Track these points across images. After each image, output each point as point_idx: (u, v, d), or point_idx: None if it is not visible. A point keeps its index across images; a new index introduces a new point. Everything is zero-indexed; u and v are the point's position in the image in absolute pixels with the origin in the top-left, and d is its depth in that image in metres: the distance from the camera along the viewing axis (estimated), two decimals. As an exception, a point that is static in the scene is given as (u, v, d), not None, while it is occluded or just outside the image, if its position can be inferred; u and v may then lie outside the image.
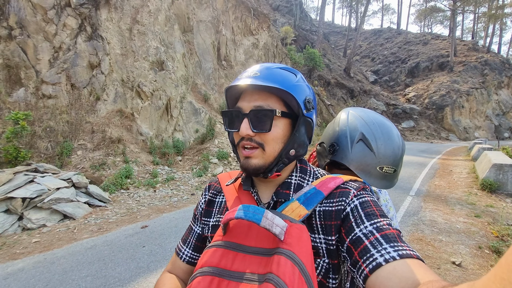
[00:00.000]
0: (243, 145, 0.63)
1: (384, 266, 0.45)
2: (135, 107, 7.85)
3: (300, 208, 0.60)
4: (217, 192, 0.78)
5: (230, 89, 0.67)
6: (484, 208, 5.21)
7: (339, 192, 0.61)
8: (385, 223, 0.53)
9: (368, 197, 0.59)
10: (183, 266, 0.75)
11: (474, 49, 34.23)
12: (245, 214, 0.55)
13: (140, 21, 8.27)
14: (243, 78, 0.64)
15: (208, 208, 0.76)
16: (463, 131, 26.11)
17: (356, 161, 0.87)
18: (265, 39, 14.30)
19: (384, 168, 0.86)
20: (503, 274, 0.21)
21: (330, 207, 0.60)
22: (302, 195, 0.63)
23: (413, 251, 0.48)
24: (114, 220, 4.53)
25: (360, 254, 0.50)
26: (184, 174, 7.50)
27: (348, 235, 0.54)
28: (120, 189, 5.90)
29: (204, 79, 11.27)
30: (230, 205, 0.69)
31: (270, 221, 0.53)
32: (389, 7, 57.75)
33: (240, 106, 0.64)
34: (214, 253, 0.55)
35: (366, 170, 0.86)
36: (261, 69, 0.65)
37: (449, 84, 27.93)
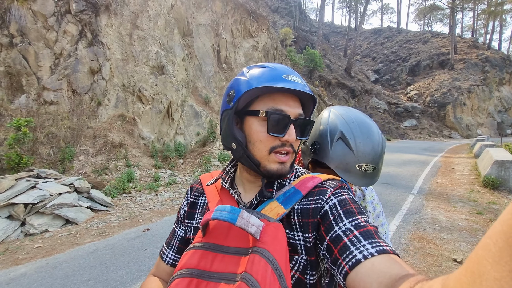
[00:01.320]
0: (282, 150, 0.63)
1: (363, 262, 0.46)
2: (136, 111, 7.90)
3: (278, 207, 0.61)
4: (199, 193, 0.77)
5: (262, 88, 0.61)
6: (486, 205, 5.19)
7: (317, 191, 0.63)
8: (362, 220, 0.54)
9: (346, 195, 0.61)
10: (167, 268, 0.75)
11: (474, 46, 34.12)
12: (220, 214, 0.56)
13: (140, 26, 8.35)
14: (292, 82, 0.62)
15: (191, 210, 0.76)
16: (465, 128, 25.98)
17: (335, 160, 0.89)
18: (265, 41, 14.36)
19: (363, 166, 0.87)
20: (473, 267, 0.22)
21: (308, 205, 0.61)
22: (282, 194, 0.64)
23: (390, 246, 0.49)
24: (116, 224, 4.55)
25: (340, 252, 0.51)
26: (186, 177, 7.53)
27: (328, 233, 0.55)
28: (122, 193, 5.93)
29: (205, 82, 11.33)
30: (211, 206, 0.69)
31: (245, 220, 0.54)
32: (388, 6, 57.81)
33: (284, 110, 0.62)
34: (193, 255, 0.56)
35: (345, 169, 0.87)
36: (299, 76, 0.66)
37: (450, 82, 27.84)
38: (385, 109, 25.69)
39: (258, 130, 0.63)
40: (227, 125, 0.66)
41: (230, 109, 0.65)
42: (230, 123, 0.65)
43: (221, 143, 7.60)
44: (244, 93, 0.62)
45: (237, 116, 0.67)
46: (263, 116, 0.61)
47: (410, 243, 3.65)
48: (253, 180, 0.70)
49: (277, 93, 0.63)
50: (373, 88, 28.03)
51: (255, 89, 0.61)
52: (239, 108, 0.65)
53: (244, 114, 0.65)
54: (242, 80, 0.64)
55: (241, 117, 0.66)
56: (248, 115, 0.65)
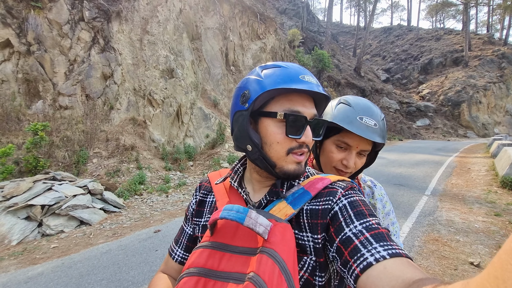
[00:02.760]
0: (301, 152, 0.63)
1: (375, 265, 0.45)
2: (147, 114, 8.05)
3: (287, 208, 0.61)
4: (208, 191, 0.78)
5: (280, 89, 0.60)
6: (505, 207, 5.00)
7: (327, 192, 0.62)
8: (374, 222, 0.53)
9: (356, 196, 0.60)
10: (175, 266, 0.76)
11: (490, 43, 33.03)
12: (228, 214, 0.56)
13: (150, 31, 8.52)
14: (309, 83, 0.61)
15: (199, 208, 0.76)
16: (481, 127, 25.14)
17: (338, 116, 0.94)
18: (273, 42, 14.38)
19: (364, 118, 0.92)
20: (496, 272, 0.21)
21: (317, 206, 0.61)
22: (290, 195, 0.64)
23: (402, 249, 0.48)
24: (128, 225, 4.64)
25: (350, 254, 0.50)
26: (195, 179, 7.60)
27: (338, 234, 0.54)
28: (134, 195, 6.04)
29: (213, 85, 11.44)
30: (220, 205, 0.69)
31: (253, 220, 0.54)
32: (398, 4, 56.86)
33: (301, 111, 0.62)
34: (201, 254, 0.56)
35: (349, 121, 0.92)
36: (313, 76, 0.65)
37: (464, 80, 27.04)
38: (397, 109, 25.19)
39: (275, 131, 0.62)
40: (242, 126, 0.64)
41: (246, 110, 0.63)
42: (245, 124, 0.63)
43: (229, 145, 7.66)
44: (261, 94, 0.60)
45: (251, 117, 0.65)
46: (281, 118, 0.60)
47: (424, 246, 3.56)
48: (262, 180, 0.69)
49: (293, 93, 0.62)
50: (384, 87, 27.56)
51: (272, 91, 0.60)
52: (254, 109, 0.63)
53: (258, 115, 0.64)
54: (257, 80, 0.62)
55: (255, 118, 0.65)
56: (264, 116, 0.63)
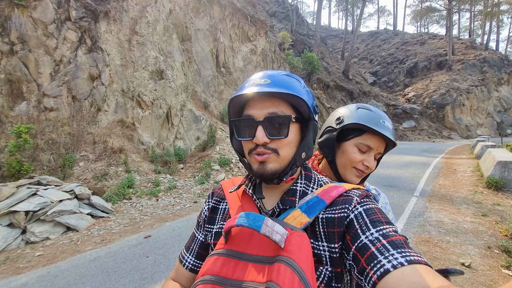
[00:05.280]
0: (257, 152, 0.63)
1: (392, 272, 0.44)
2: (136, 116, 7.89)
3: (301, 216, 0.60)
4: (221, 199, 0.78)
5: (236, 98, 0.65)
6: (491, 207, 5.15)
7: (342, 199, 0.61)
8: (391, 229, 0.52)
9: (372, 204, 0.59)
10: (186, 273, 0.74)
11: (472, 47, 34.30)
12: (245, 221, 0.55)
13: (139, 32, 8.37)
14: (251, 86, 0.63)
15: (212, 215, 0.76)
16: (465, 129, 25.99)
17: (363, 118, 0.95)
18: (263, 45, 14.42)
19: (386, 122, 0.96)
20: None
21: (333, 214, 0.60)
22: (304, 203, 0.63)
23: (421, 257, 0.47)
24: (117, 230, 4.50)
25: (367, 261, 0.49)
26: (186, 182, 7.48)
27: (354, 242, 0.53)
28: (123, 199, 5.89)
29: (204, 87, 11.34)
30: (232, 213, 0.69)
31: (270, 228, 0.53)
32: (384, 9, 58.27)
33: (250, 114, 0.64)
34: (216, 262, 0.55)
35: (374, 123, 0.94)
36: (269, 76, 0.65)
37: (448, 83, 27.92)
38: (384, 111, 25.70)
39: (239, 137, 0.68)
40: None
41: None
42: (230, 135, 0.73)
43: (220, 147, 7.60)
44: (230, 103, 0.68)
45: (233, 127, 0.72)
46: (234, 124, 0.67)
47: (415, 247, 3.61)
48: (272, 187, 0.69)
49: (249, 100, 0.66)
50: (371, 90, 28.10)
51: (231, 101, 0.66)
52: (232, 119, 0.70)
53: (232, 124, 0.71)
54: None
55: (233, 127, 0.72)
56: None
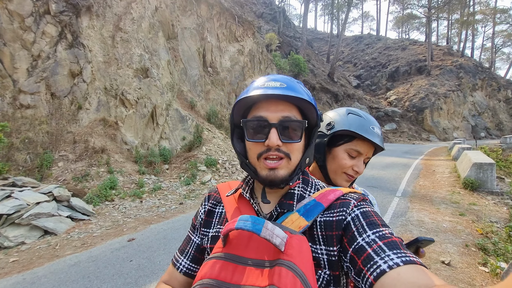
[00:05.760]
0: (269, 155, 0.62)
1: (388, 272, 0.45)
2: (119, 115, 7.65)
3: (300, 220, 0.60)
4: (217, 202, 0.76)
5: (246, 98, 0.64)
6: (468, 207, 5.39)
7: (340, 203, 0.62)
8: (387, 232, 0.53)
9: (368, 207, 0.60)
10: (180, 277, 0.72)
11: (449, 54, 35.94)
12: (245, 224, 0.54)
13: (123, 29, 8.13)
14: (266, 88, 0.62)
15: (208, 219, 0.74)
16: (442, 131, 27.16)
17: (353, 125, 0.97)
18: (250, 45, 14.42)
19: (375, 128, 0.98)
20: None
21: (331, 217, 0.60)
22: (302, 206, 0.63)
23: (416, 258, 0.47)
24: (98, 234, 4.34)
25: (363, 263, 0.49)
26: (171, 183, 7.34)
27: (351, 244, 0.54)
28: (105, 201, 5.68)
29: (190, 86, 11.18)
30: (229, 216, 0.68)
31: (270, 231, 0.52)
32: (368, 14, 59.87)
33: (263, 115, 0.62)
34: (214, 265, 0.54)
35: (364, 130, 0.95)
36: (284, 80, 0.65)
37: (427, 87, 29.08)
38: (368, 113, 26.40)
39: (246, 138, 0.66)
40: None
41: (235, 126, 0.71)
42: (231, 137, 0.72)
43: (207, 148, 7.52)
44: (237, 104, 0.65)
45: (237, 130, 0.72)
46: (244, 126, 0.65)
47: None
48: (271, 191, 0.68)
49: (261, 101, 0.64)
50: (355, 93, 28.80)
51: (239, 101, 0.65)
52: (236, 122, 0.69)
53: (238, 128, 0.69)
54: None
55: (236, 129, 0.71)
56: (239, 128, 0.69)
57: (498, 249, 3.44)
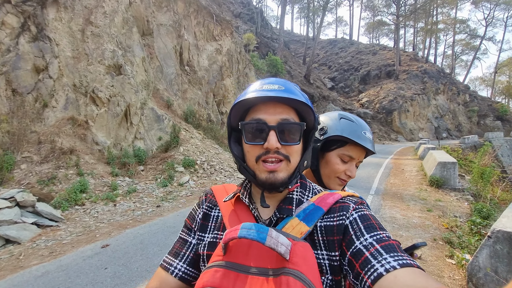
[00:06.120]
0: (268, 158, 0.61)
1: (385, 275, 0.45)
2: (89, 114, 7.22)
3: (300, 225, 0.59)
4: (213, 205, 0.74)
5: (244, 101, 0.63)
6: (434, 203, 5.78)
7: (339, 206, 0.61)
8: (384, 235, 0.53)
9: (366, 211, 0.60)
10: (174, 283, 0.67)
11: (415, 59, 38.34)
12: (248, 233, 0.52)
13: (94, 23, 7.69)
14: (265, 90, 0.62)
15: (204, 222, 0.71)
16: (409, 132, 28.91)
17: (346, 130, 0.98)
18: (229, 45, 14.31)
19: (367, 133, 1.00)
20: None
21: (331, 222, 0.59)
22: (302, 211, 0.63)
23: (413, 261, 0.48)
24: (69, 241, 4.06)
25: (361, 266, 0.49)
26: (147, 185, 7.07)
27: (349, 248, 0.54)
28: (75, 205, 5.33)
29: (166, 85, 10.85)
30: (227, 221, 0.66)
31: (275, 240, 0.51)
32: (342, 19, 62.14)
33: (261, 118, 0.62)
34: (215, 274, 0.52)
35: (357, 136, 0.97)
36: (282, 83, 0.64)
37: (396, 91, 30.80)
38: (341, 115, 27.38)
39: (244, 141, 0.64)
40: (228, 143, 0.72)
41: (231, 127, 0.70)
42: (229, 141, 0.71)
43: (184, 148, 7.39)
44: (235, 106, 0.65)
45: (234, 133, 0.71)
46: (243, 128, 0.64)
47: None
48: (269, 195, 0.66)
49: (258, 104, 0.64)
50: (330, 94, 29.73)
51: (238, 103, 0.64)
52: (233, 125, 0.69)
53: (236, 131, 0.69)
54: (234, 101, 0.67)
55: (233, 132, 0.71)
56: (237, 131, 0.68)
57: (462, 242, 3.72)
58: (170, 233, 4.32)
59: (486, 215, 4.70)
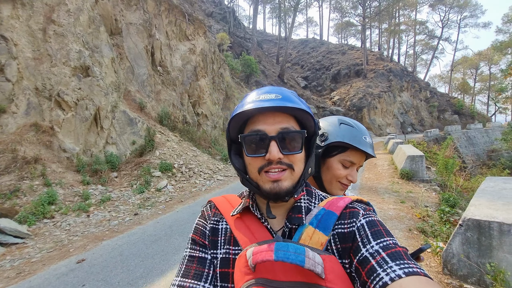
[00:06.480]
0: (270, 169, 0.60)
1: (391, 285, 0.45)
2: (55, 119, 6.71)
3: (317, 234, 0.59)
4: (219, 218, 0.71)
5: (242, 113, 0.62)
6: (406, 194, 6.14)
7: (349, 212, 0.61)
8: (391, 242, 0.53)
9: (374, 217, 0.60)
10: None
11: (381, 59, 40.44)
12: (285, 255, 0.51)
13: (57, 21, 7.15)
14: (263, 100, 0.61)
15: (213, 238, 0.68)
16: (378, 128, 30.46)
17: (347, 136, 0.99)
18: (202, 44, 14.06)
19: (367, 138, 1.01)
20: None
21: (343, 229, 0.59)
22: (313, 218, 0.62)
23: (420, 268, 0.48)
24: (38, 258, 3.75)
25: (367, 275, 0.49)
26: (122, 192, 6.74)
27: (356, 255, 0.54)
28: (43, 218, 4.93)
29: (138, 86, 10.41)
30: (238, 235, 0.64)
31: (312, 261, 0.50)
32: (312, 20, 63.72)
33: (261, 129, 0.61)
34: None
35: (358, 141, 0.98)
36: (279, 91, 0.64)
37: (364, 89, 32.28)
38: (315, 113, 28.17)
39: (245, 154, 0.64)
40: None
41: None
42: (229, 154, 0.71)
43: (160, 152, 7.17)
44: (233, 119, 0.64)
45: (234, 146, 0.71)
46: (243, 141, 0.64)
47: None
48: (276, 205, 0.66)
49: (256, 115, 0.63)
50: (303, 93, 30.41)
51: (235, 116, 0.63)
52: (232, 137, 0.68)
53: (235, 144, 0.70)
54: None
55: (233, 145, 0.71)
56: (237, 144, 0.68)
57: (435, 231, 3.99)
58: (151, 242, 4.15)
59: (452, 203, 5.09)
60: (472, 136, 26.87)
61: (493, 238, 2.52)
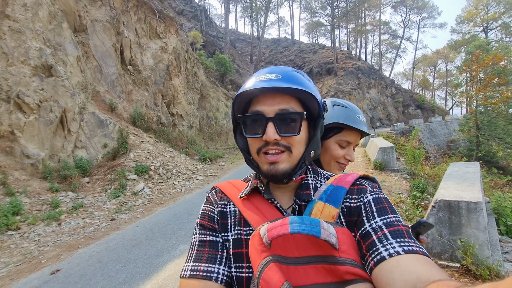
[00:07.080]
0: (268, 150, 0.60)
1: (388, 260, 0.46)
2: (15, 123, 6.17)
3: (328, 208, 0.59)
4: (226, 201, 0.71)
5: (243, 93, 0.62)
6: (381, 183, 6.43)
7: (357, 189, 0.62)
8: (394, 219, 0.54)
9: (380, 194, 0.61)
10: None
11: (349, 58, 42.08)
12: (301, 227, 0.49)
13: (12, 16, 6.57)
14: (261, 81, 0.60)
15: (223, 221, 0.68)
16: (350, 124, 31.75)
17: (341, 116, 1.02)
18: (174, 43, 13.68)
19: (361, 117, 1.05)
20: None
21: (350, 203, 0.60)
22: (322, 193, 0.62)
23: (420, 247, 0.48)
24: (5, 273, 3.43)
25: (367, 248, 0.51)
26: (96, 198, 6.38)
27: (359, 229, 0.55)
28: (7, 230, 4.51)
29: (108, 86, 9.89)
30: (248, 215, 0.64)
31: (327, 231, 0.50)
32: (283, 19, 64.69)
33: (259, 110, 0.61)
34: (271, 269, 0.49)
35: (352, 120, 1.02)
36: (280, 71, 0.63)
37: (336, 86, 33.45)
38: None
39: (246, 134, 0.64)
40: None
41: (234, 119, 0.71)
42: (234, 134, 0.72)
43: (135, 154, 6.92)
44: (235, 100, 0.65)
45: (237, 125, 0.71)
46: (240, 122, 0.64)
47: (337, 225, 4.17)
48: (280, 186, 0.67)
49: (258, 95, 0.63)
50: (278, 91, 30.84)
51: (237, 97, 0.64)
52: (237, 118, 0.67)
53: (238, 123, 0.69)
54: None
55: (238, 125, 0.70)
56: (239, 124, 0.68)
57: (409, 215, 4.25)
58: (132, 246, 3.98)
59: (422, 189, 5.45)
60: (434, 128, 28.94)
61: (462, 216, 2.75)
